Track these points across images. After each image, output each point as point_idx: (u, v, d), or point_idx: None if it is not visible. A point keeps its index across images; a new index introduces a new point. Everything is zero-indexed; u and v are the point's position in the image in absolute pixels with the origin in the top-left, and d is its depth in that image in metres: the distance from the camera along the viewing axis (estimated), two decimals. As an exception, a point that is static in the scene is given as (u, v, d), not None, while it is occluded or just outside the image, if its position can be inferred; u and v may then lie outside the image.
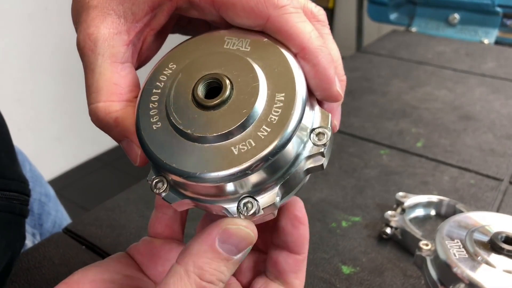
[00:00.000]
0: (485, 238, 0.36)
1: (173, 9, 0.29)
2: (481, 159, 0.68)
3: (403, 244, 0.51)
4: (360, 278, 0.47)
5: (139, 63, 0.31)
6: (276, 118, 0.25)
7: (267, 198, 0.26)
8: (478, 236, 0.37)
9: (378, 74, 0.99)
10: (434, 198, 0.57)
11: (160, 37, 0.31)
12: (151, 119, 0.27)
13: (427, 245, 0.40)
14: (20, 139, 0.49)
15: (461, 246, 0.36)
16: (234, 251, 0.26)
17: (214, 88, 0.27)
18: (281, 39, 0.27)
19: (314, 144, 0.27)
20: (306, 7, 0.29)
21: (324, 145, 0.27)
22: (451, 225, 0.38)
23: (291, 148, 0.26)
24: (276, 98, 0.26)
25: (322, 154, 0.27)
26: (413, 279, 0.47)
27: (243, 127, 0.25)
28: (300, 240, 0.31)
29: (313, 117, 0.27)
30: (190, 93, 0.26)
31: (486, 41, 1.26)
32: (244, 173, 0.24)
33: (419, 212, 0.57)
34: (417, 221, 0.56)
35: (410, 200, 0.55)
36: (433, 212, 0.57)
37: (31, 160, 0.66)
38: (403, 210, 0.54)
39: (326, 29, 0.30)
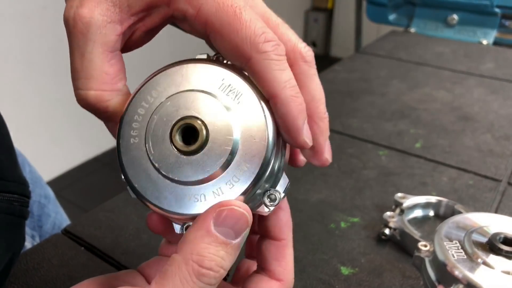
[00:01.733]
0: (484, 239, 0.36)
1: (168, 15, 0.29)
2: (479, 160, 0.68)
3: (402, 245, 0.51)
4: (359, 279, 0.47)
5: (123, 50, 0.31)
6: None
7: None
8: (476, 237, 0.37)
9: (377, 75, 0.99)
10: (433, 199, 0.57)
11: (149, 34, 0.31)
12: (132, 148, 0.28)
13: (425, 246, 0.40)
14: (18, 140, 0.49)
15: (460, 247, 0.36)
16: (231, 234, 0.25)
17: (191, 128, 0.28)
18: (257, 83, 0.27)
19: (264, 204, 0.28)
20: (295, 47, 0.29)
21: (273, 205, 0.29)
22: (449, 226, 0.38)
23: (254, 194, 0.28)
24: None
25: (268, 211, 0.29)
26: (412, 280, 0.47)
27: (214, 175, 0.27)
28: (279, 224, 0.31)
29: (281, 159, 0.29)
30: (168, 134, 0.28)
31: (484, 42, 1.27)
32: None
33: (418, 213, 0.57)
34: (416, 222, 0.56)
35: (409, 201, 0.55)
36: (431, 213, 0.57)
37: (30, 161, 0.66)
38: (402, 211, 0.54)
39: (313, 70, 0.30)
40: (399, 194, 0.56)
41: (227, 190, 0.27)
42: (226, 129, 0.27)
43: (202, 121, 0.27)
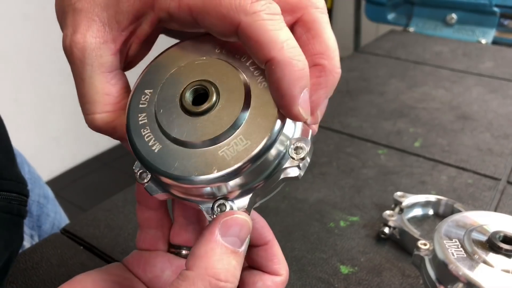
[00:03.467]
0: (483, 238, 0.36)
1: (156, 20, 0.28)
2: (478, 158, 0.68)
3: (401, 243, 0.51)
4: (358, 278, 0.47)
5: (126, 67, 0.31)
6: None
7: (241, 203, 0.27)
8: (476, 235, 0.37)
9: (376, 74, 0.99)
10: (432, 197, 0.57)
11: (146, 45, 0.31)
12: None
13: (425, 244, 0.40)
14: (17, 139, 0.49)
15: (459, 246, 0.36)
16: (237, 242, 0.26)
17: (201, 94, 0.27)
18: (248, 47, 0.25)
19: (291, 157, 0.27)
20: None
21: (302, 159, 0.27)
22: (449, 224, 0.38)
23: (270, 157, 0.27)
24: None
25: (298, 167, 0.28)
26: (412, 279, 0.47)
27: (228, 133, 0.26)
28: (258, 232, 0.31)
29: (295, 128, 0.28)
30: (178, 99, 0.27)
31: (483, 41, 1.27)
32: (228, 177, 0.26)
33: (417, 211, 0.57)
34: (415, 220, 0.56)
35: (408, 199, 0.55)
36: (431, 212, 0.57)
37: (28, 160, 0.65)
38: (401, 210, 0.54)
39: (326, 17, 0.28)
40: (399, 193, 0.56)
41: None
42: (237, 89, 0.26)
43: (211, 82, 0.27)
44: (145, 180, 0.29)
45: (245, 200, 0.27)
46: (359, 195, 0.60)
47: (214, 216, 0.27)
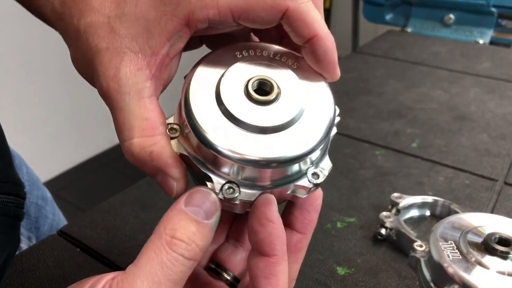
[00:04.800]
0: (479, 239, 0.36)
1: (191, 34, 0.29)
2: (476, 159, 0.68)
3: (398, 245, 0.51)
4: (355, 279, 0.47)
5: (162, 89, 0.31)
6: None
7: (248, 194, 0.28)
8: (471, 237, 0.37)
9: (374, 74, 0.99)
10: (429, 198, 0.57)
11: (176, 60, 0.31)
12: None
13: (421, 246, 0.40)
14: (15, 141, 0.49)
15: (455, 247, 0.36)
16: (200, 213, 0.26)
17: (262, 90, 0.29)
18: (296, 28, 0.29)
19: (308, 180, 0.29)
20: None
21: (315, 185, 0.29)
22: (445, 226, 0.38)
23: (297, 166, 0.29)
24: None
25: (309, 190, 0.30)
26: (408, 280, 0.47)
27: (290, 123, 0.28)
28: (268, 239, 0.28)
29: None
30: (243, 88, 0.29)
31: (481, 41, 1.27)
32: (259, 165, 0.27)
33: (414, 212, 0.57)
34: (412, 221, 0.56)
35: (405, 200, 0.55)
36: (428, 213, 0.57)
37: (26, 161, 0.65)
38: (398, 211, 0.54)
39: (309, 5, 0.31)
40: (396, 194, 0.56)
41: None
42: (294, 88, 0.29)
43: (274, 81, 0.29)
44: (175, 135, 0.29)
45: (253, 194, 0.28)
46: (356, 196, 0.60)
47: (221, 196, 0.28)
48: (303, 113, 0.29)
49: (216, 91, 0.29)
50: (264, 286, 0.28)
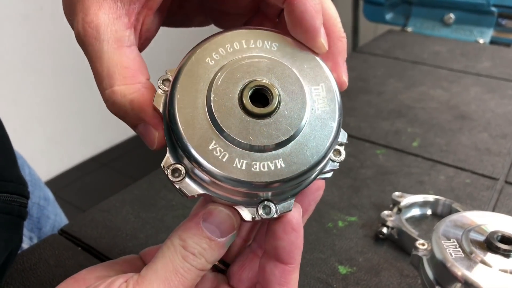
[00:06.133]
0: (481, 238, 0.36)
1: None
2: (476, 158, 0.68)
3: (400, 243, 0.51)
4: (356, 278, 0.47)
5: (140, 47, 0.31)
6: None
7: (284, 206, 0.28)
8: (474, 235, 0.37)
9: (374, 74, 0.99)
10: (430, 197, 0.57)
11: (157, 17, 0.31)
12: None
13: (423, 244, 0.40)
14: (15, 140, 0.49)
15: (457, 246, 0.36)
16: (216, 232, 0.27)
17: (260, 94, 0.27)
18: None
19: (331, 160, 0.29)
20: None
21: (340, 162, 0.29)
22: (447, 224, 0.38)
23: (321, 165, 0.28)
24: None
25: (334, 169, 0.29)
26: (410, 279, 0.47)
27: (287, 142, 0.26)
28: (289, 247, 0.29)
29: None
30: (236, 97, 0.26)
31: (481, 40, 1.27)
32: (284, 182, 0.26)
33: (415, 211, 0.57)
34: (414, 220, 0.56)
35: (406, 199, 0.55)
36: (429, 212, 0.57)
37: (27, 161, 0.65)
38: (400, 210, 0.54)
39: None
40: (397, 193, 0.56)
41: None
42: (299, 95, 0.27)
43: (276, 88, 0.27)
44: (179, 178, 0.26)
45: (288, 204, 0.28)
46: (357, 195, 0.60)
47: (258, 218, 0.27)
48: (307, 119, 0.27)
49: (209, 112, 0.26)
50: None
